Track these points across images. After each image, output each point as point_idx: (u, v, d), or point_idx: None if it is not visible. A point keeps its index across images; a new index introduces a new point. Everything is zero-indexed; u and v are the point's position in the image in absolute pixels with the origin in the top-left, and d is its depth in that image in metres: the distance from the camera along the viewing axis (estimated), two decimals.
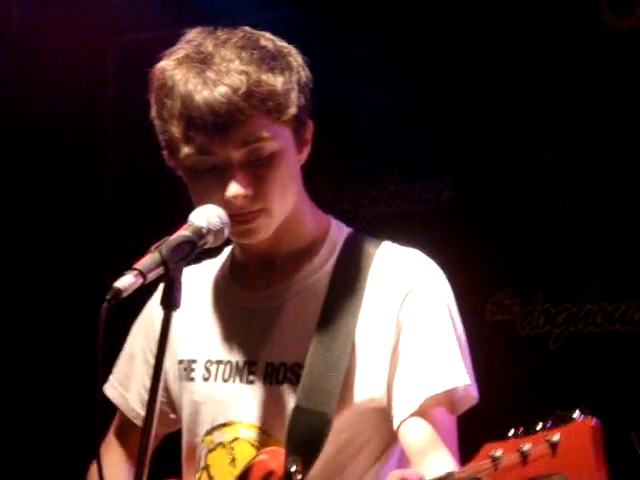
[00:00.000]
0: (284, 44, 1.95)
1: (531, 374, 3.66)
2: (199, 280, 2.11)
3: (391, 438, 1.96)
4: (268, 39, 1.93)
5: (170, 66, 1.89)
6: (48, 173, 4.63)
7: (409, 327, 1.92)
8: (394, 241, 2.05)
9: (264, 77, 1.85)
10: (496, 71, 3.81)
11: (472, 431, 1.95)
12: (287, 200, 1.92)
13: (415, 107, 3.90)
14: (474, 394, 1.95)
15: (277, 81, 1.86)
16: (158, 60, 1.94)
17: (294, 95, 1.88)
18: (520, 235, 3.73)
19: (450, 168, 3.88)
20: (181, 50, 1.91)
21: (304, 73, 1.93)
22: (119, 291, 1.66)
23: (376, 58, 4.02)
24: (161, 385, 1.74)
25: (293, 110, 1.88)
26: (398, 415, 1.91)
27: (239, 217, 1.88)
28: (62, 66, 4.49)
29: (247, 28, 1.95)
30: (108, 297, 1.66)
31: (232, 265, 2.08)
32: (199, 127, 1.85)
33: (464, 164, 3.86)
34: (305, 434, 1.89)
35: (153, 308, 2.11)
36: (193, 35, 1.93)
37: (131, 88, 4.49)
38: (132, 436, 2.13)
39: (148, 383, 1.76)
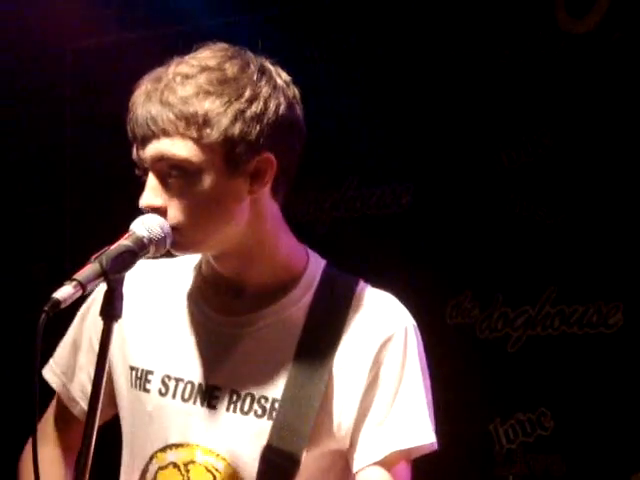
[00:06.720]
0: (257, 75, 1.89)
1: (490, 377, 3.68)
2: (158, 280, 2.07)
3: (349, 474, 1.96)
4: (236, 64, 1.89)
5: (146, 77, 1.92)
6: (6, 179, 4.60)
7: (383, 375, 1.92)
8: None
9: (194, 98, 1.84)
10: (454, 76, 3.83)
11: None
12: (205, 223, 1.88)
13: (375, 112, 3.92)
14: (435, 446, 1.95)
15: (207, 104, 1.84)
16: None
17: (225, 122, 1.84)
18: (479, 239, 3.76)
19: (410, 173, 3.90)
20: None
21: (261, 106, 1.87)
22: (57, 302, 1.65)
23: (336, 63, 4.03)
24: (101, 399, 1.73)
25: (215, 135, 1.83)
26: (359, 461, 1.92)
27: None
28: (19, 69, 4.47)
29: (239, 50, 1.92)
30: (46, 308, 1.64)
31: (201, 279, 2.04)
32: (130, 135, 1.90)
33: (424, 169, 3.88)
34: (274, 473, 1.88)
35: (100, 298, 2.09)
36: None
37: (90, 93, 4.52)
38: (70, 425, 2.10)
39: (93, 372, 1.75)
